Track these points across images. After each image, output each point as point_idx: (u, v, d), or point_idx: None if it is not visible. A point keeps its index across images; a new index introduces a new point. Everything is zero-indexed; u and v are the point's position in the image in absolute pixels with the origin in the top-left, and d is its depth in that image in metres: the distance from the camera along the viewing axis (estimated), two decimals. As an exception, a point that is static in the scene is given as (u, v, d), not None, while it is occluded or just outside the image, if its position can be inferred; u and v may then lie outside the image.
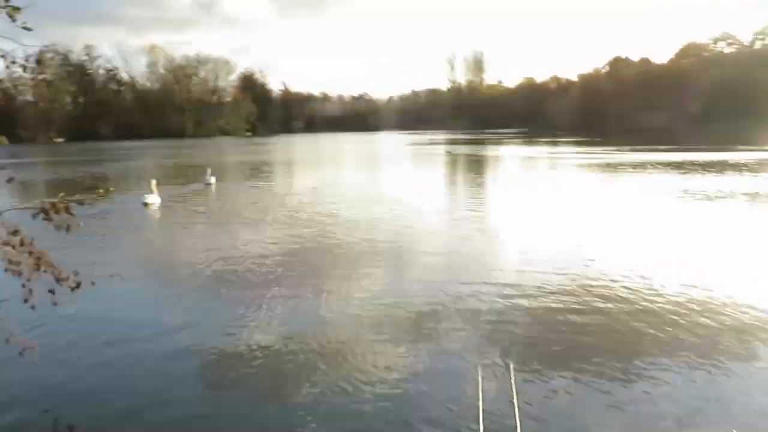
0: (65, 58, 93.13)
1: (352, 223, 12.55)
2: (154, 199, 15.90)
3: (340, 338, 5.80)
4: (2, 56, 3.19)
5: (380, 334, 5.89)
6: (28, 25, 2.98)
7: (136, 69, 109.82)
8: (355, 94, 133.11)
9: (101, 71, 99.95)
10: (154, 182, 16.41)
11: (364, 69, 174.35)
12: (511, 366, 4.88)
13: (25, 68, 3.62)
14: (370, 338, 5.79)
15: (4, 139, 5.71)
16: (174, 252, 10.63)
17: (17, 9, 2.95)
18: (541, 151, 40.59)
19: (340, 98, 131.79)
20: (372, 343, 5.66)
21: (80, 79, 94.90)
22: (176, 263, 9.60)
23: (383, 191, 18.50)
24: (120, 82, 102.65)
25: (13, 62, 3.32)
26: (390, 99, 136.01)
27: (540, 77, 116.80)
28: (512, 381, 4.39)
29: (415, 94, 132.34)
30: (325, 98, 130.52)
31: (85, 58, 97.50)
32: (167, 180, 22.57)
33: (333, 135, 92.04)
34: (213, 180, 21.06)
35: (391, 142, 63.42)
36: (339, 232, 11.51)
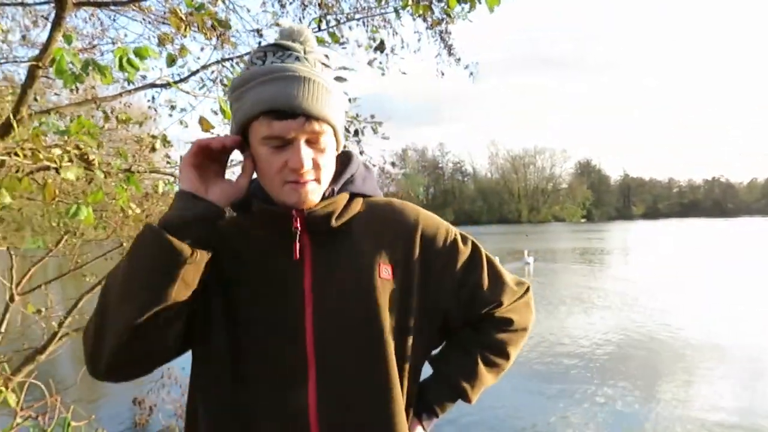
0: (422, 155, 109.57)
1: (698, 321, 11.05)
2: None
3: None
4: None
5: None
6: (386, 135, 3.92)
7: (478, 161, 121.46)
8: (708, 177, 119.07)
9: (450, 164, 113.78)
10: (497, 259, 18.42)
11: (720, 150, 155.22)
12: None
13: (393, 164, 4.84)
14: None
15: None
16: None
17: (380, 123, 3.84)
18: None
19: (690, 183, 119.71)
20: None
21: (433, 172, 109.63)
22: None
23: (742, 288, 15.57)
24: (464, 173, 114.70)
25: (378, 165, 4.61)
26: (752, 181, 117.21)
27: None
28: None
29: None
30: (671, 183, 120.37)
31: (438, 153, 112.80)
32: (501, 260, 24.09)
33: (678, 221, 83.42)
34: (531, 260, 22.81)
35: (756, 229, 53.38)
36: (677, 328, 10.31)
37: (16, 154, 1.73)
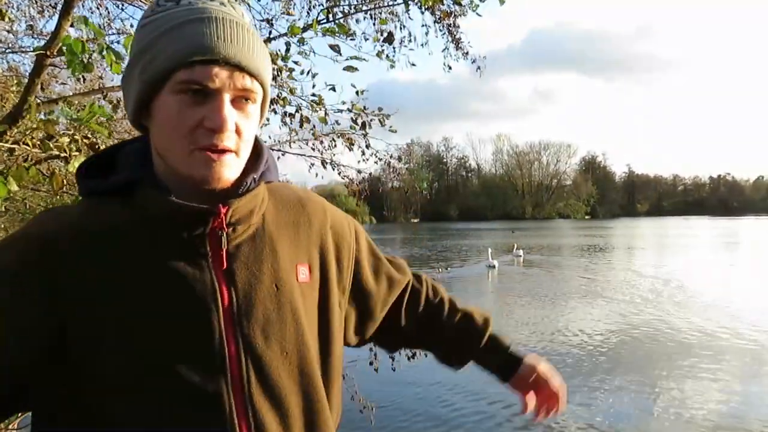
0: (427, 150, 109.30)
1: (699, 315, 11.09)
2: (496, 264, 20.08)
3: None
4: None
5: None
6: (393, 128, 3.78)
7: (482, 156, 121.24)
8: (714, 175, 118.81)
9: (454, 160, 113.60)
10: (490, 250, 21.79)
11: (727, 148, 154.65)
12: None
13: (399, 159, 4.71)
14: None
15: (372, 219, 7.38)
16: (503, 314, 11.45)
17: (387, 116, 3.69)
18: None
19: (695, 180, 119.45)
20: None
21: (437, 167, 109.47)
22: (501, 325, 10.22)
23: (737, 285, 15.88)
24: (468, 169, 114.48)
25: (384, 159, 4.27)
26: (759, 179, 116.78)
27: None
28: None
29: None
30: (676, 180, 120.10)
31: (443, 148, 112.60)
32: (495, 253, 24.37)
33: (683, 219, 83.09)
34: (522, 252, 24.88)
35: (760, 228, 53.29)
36: (678, 322, 10.44)
37: (25, 143, 1.71)
